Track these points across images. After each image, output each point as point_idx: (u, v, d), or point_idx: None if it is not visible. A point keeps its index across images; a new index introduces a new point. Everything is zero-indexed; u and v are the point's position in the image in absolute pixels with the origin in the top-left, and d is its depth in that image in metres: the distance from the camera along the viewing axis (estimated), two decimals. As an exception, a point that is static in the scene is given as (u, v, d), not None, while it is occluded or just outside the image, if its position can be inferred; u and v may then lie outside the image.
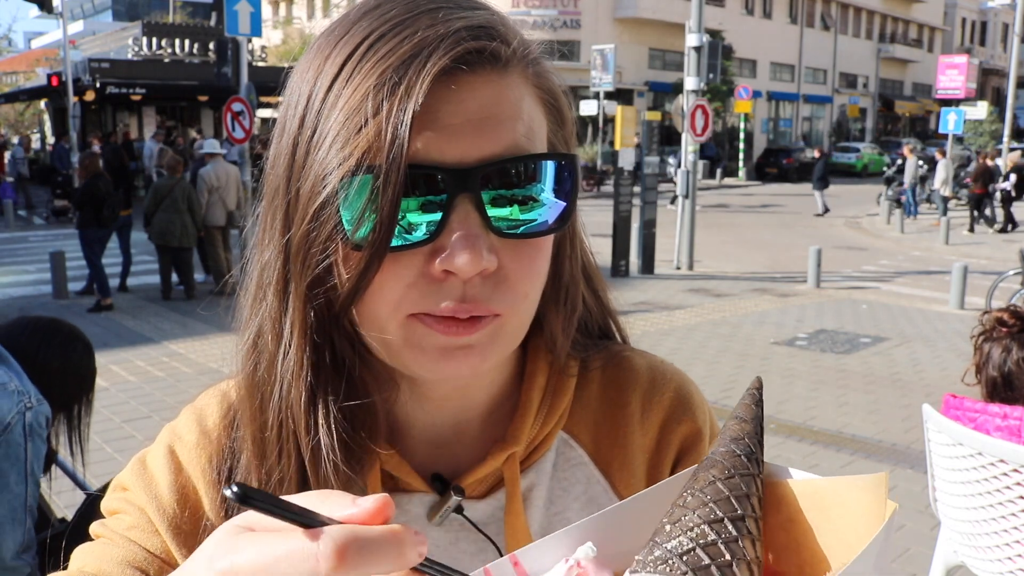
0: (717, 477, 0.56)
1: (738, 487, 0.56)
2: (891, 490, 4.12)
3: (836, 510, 0.58)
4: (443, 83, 0.62)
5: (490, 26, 0.67)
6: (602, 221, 12.63)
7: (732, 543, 0.53)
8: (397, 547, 0.43)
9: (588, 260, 0.84)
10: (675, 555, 0.52)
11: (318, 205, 0.63)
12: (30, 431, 1.86)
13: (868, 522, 0.56)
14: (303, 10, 45.86)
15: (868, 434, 6.04)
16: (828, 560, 0.57)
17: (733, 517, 0.54)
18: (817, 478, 0.60)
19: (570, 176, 0.69)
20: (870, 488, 0.57)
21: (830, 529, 0.58)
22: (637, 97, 35.35)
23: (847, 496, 0.58)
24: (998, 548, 2.61)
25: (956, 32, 61.64)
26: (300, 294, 0.67)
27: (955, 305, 10.50)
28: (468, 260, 0.62)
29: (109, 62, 25.30)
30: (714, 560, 0.52)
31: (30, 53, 46.61)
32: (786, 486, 0.60)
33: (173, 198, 9.91)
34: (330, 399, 0.70)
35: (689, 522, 0.54)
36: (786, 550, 0.58)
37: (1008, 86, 29.09)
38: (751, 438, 0.60)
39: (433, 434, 0.79)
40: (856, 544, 0.54)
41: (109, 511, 0.79)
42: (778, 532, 0.58)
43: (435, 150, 0.62)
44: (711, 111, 13.52)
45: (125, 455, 5.30)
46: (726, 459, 0.58)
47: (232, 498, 0.41)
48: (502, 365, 0.79)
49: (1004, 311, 2.79)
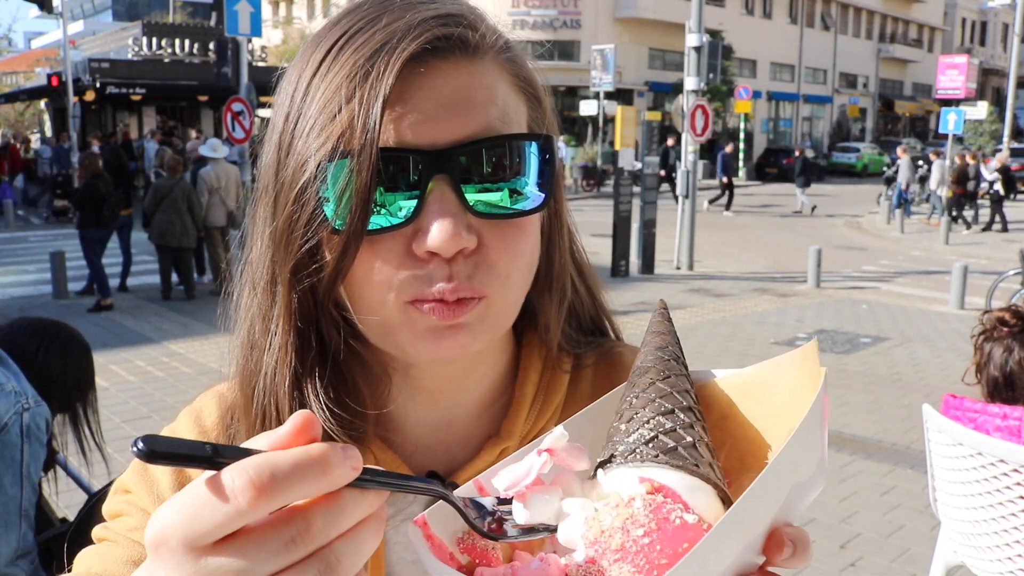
0: (655, 379, 0.59)
1: (676, 384, 0.58)
2: (891, 490, 4.09)
3: (767, 392, 0.60)
4: (413, 69, 0.64)
5: (458, 14, 0.69)
6: (602, 221, 12.63)
7: (688, 428, 0.55)
8: (319, 467, 0.42)
9: (579, 253, 0.85)
10: (640, 444, 0.54)
11: (298, 190, 0.66)
12: (27, 432, 1.84)
13: (803, 393, 0.57)
14: (303, 10, 45.87)
15: (868, 434, 6.03)
16: (769, 443, 0.58)
17: (681, 408, 0.56)
18: (742, 370, 0.62)
19: (548, 157, 0.70)
20: (798, 361, 0.59)
21: (765, 412, 0.60)
22: (637, 97, 35.32)
23: (777, 376, 0.60)
24: (998, 548, 2.61)
25: (956, 32, 61.63)
26: (284, 280, 0.69)
27: (955, 305, 10.50)
28: (446, 238, 0.63)
29: (109, 62, 25.31)
30: (679, 443, 0.54)
31: (30, 53, 46.62)
32: (714, 386, 0.63)
33: (173, 198, 9.94)
34: (316, 384, 0.71)
35: (643, 417, 0.56)
36: (723, 447, 0.60)
37: (1008, 86, 29.10)
38: (673, 345, 0.62)
39: (427, 429, 0.79)
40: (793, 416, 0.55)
41: (111, 514, 0.79)
42: (714, 432, 0.60)
43: (409, 134, 0.64)
44: (711, 111, 13.52)
45: (125, 455, 5.29)
46: (658, 363, 0.60)
47: (136, 453, 0.40)
48: (495, 359, 0.80)
49: (1005, 311, 2.79)
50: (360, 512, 0.45)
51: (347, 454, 0.43)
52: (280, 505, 0.42)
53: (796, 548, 0.52)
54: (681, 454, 0.53)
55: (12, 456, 1.80)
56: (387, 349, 0.72)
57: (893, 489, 5.02)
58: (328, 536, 0.43)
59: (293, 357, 0.71)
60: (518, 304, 0.73)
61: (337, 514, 0.44)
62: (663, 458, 0.53)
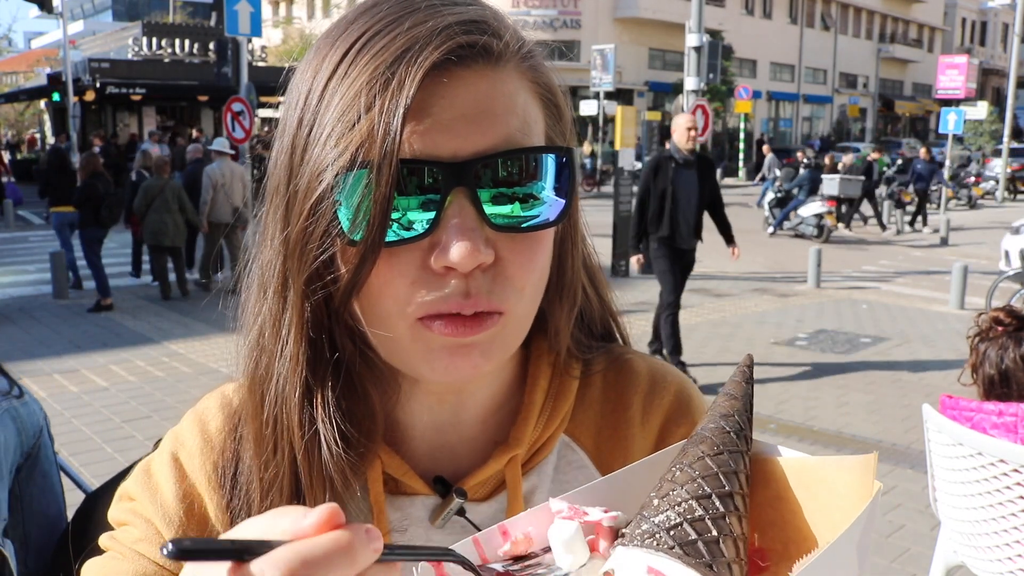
0: (706, 453, 0.57)
1: (726, 463, 0.56)
2: (891, 490, 4.08)
3: (822, 488, 0.58)
4: (435, 78, 0.62)
5: (482, 20, 0.67)
6: (602, 221, 12.61)
7: (719, 519, 0.53)
8: (346, 554, 0.43)
9: (590, 257, 0.84)
10: (662, 529, 0.52)
11: (314, 200, 0.64)
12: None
13: (853, 501, 0.56)
14: (303, 10, 45.86)
15: (868, 434, 6.03)
16: (814, 537, 0.57)
17: (721, 493, 0.54)
18: (806, 456, 0.60)
19: (568, 170, 0.68)
20: (857, 468, 0.57)
21: (816, 507, 0.58)
22: (637, 97, 35.34)
23: (834, 475, 0.58)
24: (998, 548, 2.61)
25: (956, 32, 61.62)
26: (298, 290, 0.68)
27: (955, 305, 10.50)
28: (464, 254, 0.62)
29: (109, 62, 25.32)
30: (700, 535, 0.52)
31: (30, 53, 46.55)
32: (775, 463, 0.61)
33: (164, 198, 9.97)
34: (328, 394, 0.70)
35: (677, 497, 0.54)
36: (772, 527, 0.59)
37: (1008, 86, 29.10)
38: (740, 415, 0.60)
39: (434, 435, 0.79)
40: (841, 522, 0.55)
41: (116, 522, 0.79)
42: (765, 509, 0.58)
43: (429, 145, 0.63)
44: (711, 111, 13.52)
45: (125, 455, 5.29)
46: (715, 435, 0.58)
47: (167, 556, 0.41)
48: (504, 366, 0.79)
49: (1000, 311, 2.80)
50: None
51: (370, 537, 0.44)
52: None
53: None
54: (699, 549, 0.51)
55: (49, 457, 1.79)
56: (396, 366, 0.71)
57: (893, 489, 5.01)
58: None
59: (304, 367, 0.70)
60: (530, 317, 0.72)
61: None
62: (678, 551, 0.51)
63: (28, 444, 1.64)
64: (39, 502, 1.68)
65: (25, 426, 1.63)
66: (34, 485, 1.65)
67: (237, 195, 10.53)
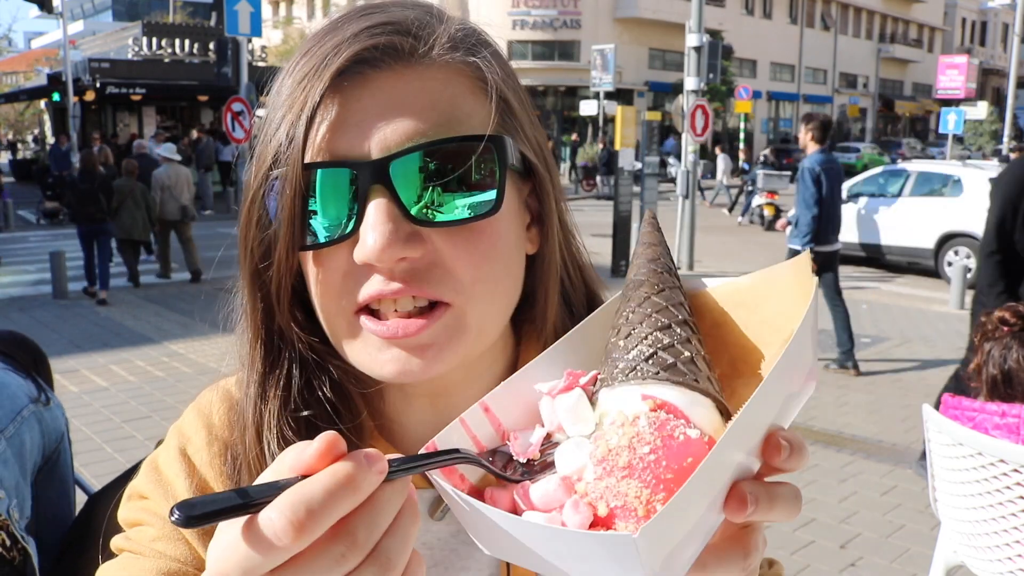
0: (649, 293, 0.60)
1: (671, 297, 0.60)
2: (891, 490, 4.09)
3: (760, 301, 0.62)
4: (342, 83, 0.66)
5: (400, 22, 0.68)
6: (602, 221, 12.62)
7: (686, 343, 0.57)
8: (349, 484, 0.44)
9: (578, 251, 0.84)
10: (640, 361, 0.56)
11: (252, 195, 0.70)
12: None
13: (795, 303, 0.59)
14: (303, 10, 45.88)
15: (868, 434, 6.03)
16: (760, 349, 0.61)
17: (677, 322, 0.58)
18: (735, 279, 0.64)
19: (499, 159, 0.68)
20: (790, 271, 0.61)
21: (758, 320, 0.62)
22: (637, 97, 35.31)
23: (769, 285, 0.62)
24: (998, 548, 2.60)
25: (956, 32, 61.63)
26: (247, 283, 0.73)
27: (955, 305, 10.49)
28: (377, 248, 0.63)
29: (109, 62, 25.31)
30: (677, 359, 0.56)
31: (30, 53, 46.63)
32: (706, 295, 0.65)
33: (134, 198, 10.95)
34: (279, 387, 0.74)
35: (641, 333, 0.58)
36: (715, 353, 0.62)
37: (1008, 86, 29.08)
38: (665, 256, 0.64)
39: (427, 431, 0.79)
40: (786, 325, 0.58)
41: (129, 522, 0.79)
42: (706, 339, 0.62)
43: (344, 147, 0.66)
44: (711, 111, 13.52)
45: (125, 455, 5.29)
46: (651, 276, 0.62)
47: (176, 523, 0.42)
48: (494, 359, 0.79)
49: (1006, 310, 2.79)
50: (395, 505, 0.47)
51: (371, 462, 0.45)
52: (322, 532, 0.44)
53: (792, 448, 0.54)
54: (680, 370, 0.55)
55: (67, 463, 1.79)
56: (356, 366, 0.72)
57: (893, 489, 5.01)
58: (374, 540, 0.46)
59: (259, 359, 0.75)
60: (499, 314, 0.72)
61: (376, 518, 0.46)
62: (663, 375, 0.55)
63: (49, 448, 1.65)
64: (54, 506, 1.68)
65: (48, 430, 1.64)
66: (51, 489, 1.65)
67: (184, 195, 11.71)
